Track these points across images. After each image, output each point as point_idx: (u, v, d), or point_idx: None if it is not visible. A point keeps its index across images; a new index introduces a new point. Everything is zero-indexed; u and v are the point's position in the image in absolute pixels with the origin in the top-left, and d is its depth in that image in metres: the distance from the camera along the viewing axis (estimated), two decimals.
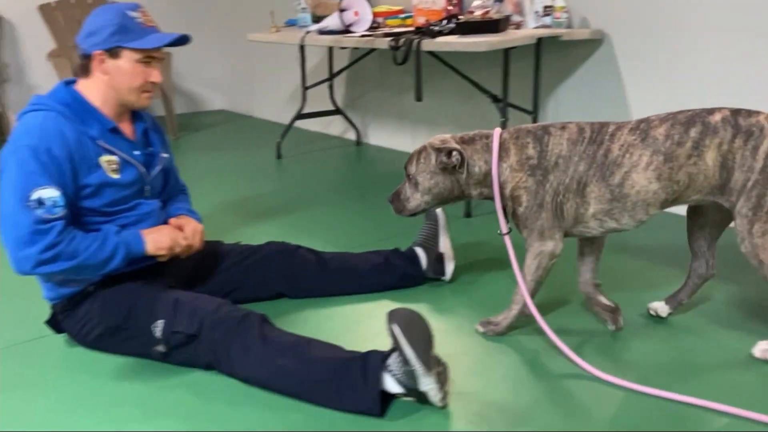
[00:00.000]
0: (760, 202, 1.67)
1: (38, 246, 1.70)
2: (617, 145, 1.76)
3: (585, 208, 1.80)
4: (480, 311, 2.14)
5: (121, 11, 1.83)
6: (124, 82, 1.85)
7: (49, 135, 1.74)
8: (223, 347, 1.75)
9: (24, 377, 1.83)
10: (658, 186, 1.74)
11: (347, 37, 3.45)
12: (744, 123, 1.69)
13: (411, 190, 1.93)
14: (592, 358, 1.84)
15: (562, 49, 3.36)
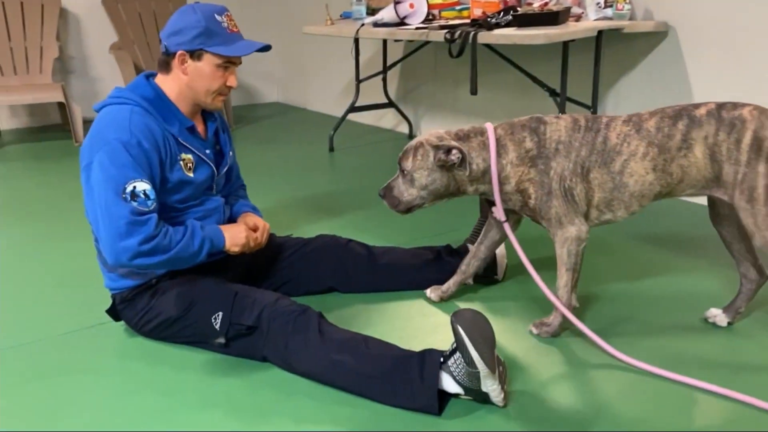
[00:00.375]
0: (753, 194, 1.69)
1: (137, 238, 1.73)
2: (614, 134, 1.79)
3: (592, 195, 1.82)
4: (532, 311, 2.10)
5: (209, 14, 1.82)
6: (203, 85, 1.87)
7: (138, 129, 1.76)
8: (281, 340, 1.76)
9: (82, 363, 1.88)
10: (654, 177, 1.77)
11: (402, 30, 3.42)
12: (727, 116, 1.71)
13: (406, 185, 1.90)
14: (646, 355, 1.78)
15: (623, 42, 3.26)
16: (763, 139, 1.67)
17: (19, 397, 1.73)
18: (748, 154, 1.68)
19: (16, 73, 4.87)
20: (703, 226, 2.24)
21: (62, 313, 2.17)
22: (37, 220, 3.10)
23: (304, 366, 1.75)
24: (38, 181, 3.80)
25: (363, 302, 2.18)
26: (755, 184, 1.68)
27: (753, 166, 1.68)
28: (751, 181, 1.69)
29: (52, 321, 2.12)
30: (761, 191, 1.69)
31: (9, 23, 4.84)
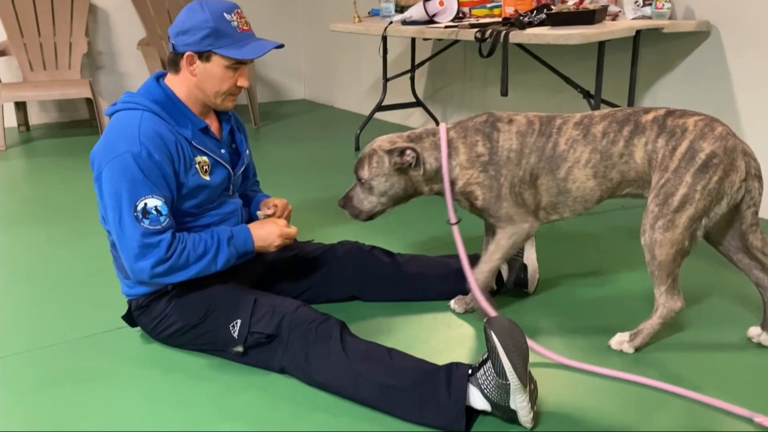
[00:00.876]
0: (668, 200, 1.69)
1: (150, 260, 1.69)
2: (564, 139, 1.80)
3: (539, 199, 1.86)
4: (565, 326, 2.00)
5: (218, 13, 1.74)
6: (212, 86, 1.80)
7: (148, 139, 1.69)
8: (301, 349, 1.70)
9: (97, 370, 1.83)
10: (594, 183, 1.80)
11: (431, 28, 3.33)
12: (671, 123, 1.73)
13: (365, 194, 1.92)
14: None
15: (662, 42, 3.13)
16: (698, 150, 1.67)
17: (31, 404, 1.69)
18: (678, 162, 1.68)
19: (45, 68, 4.89)
20: None
21: (81, 315, 2.14)
22: (62, 217, 3.09)
23: (325, 377, 1.68)
24: (64, 176, 3.80)
25: (386, 312, 2.10)
26: (674, 191, 1.69)
27: (680, 174, 1.68)
28: (672, 187, 1.69)
29: (70, 324, 2.08)
30: (677, 199, 1.68)
31: (39, 19, 4.86)
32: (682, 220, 1.69)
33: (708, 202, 1.68)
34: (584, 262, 2.46)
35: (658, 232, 1.72)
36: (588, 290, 2.24)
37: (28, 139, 4.81)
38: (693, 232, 1.72)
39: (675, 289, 1.79)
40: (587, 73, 3.15)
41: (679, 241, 1.71)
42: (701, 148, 1.67)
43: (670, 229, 1.70)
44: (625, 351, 1.85)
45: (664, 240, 1.72)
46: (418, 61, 4.32)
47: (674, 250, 1.72)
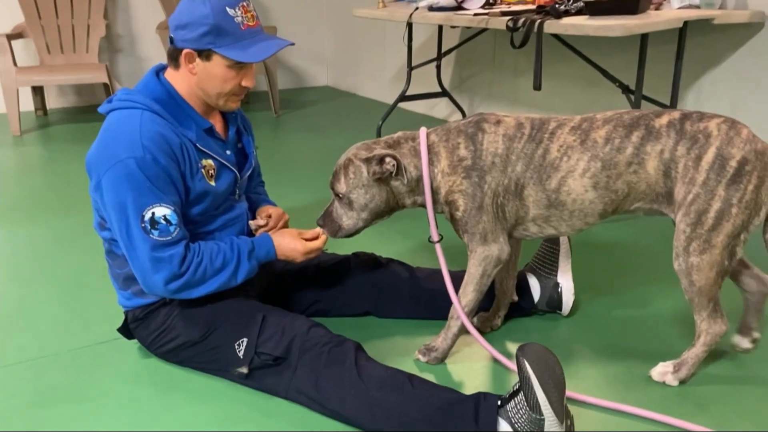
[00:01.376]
0: (701, 218, 1.50)
1: (162, 274, 1.56)
2: (556, 146, 1.60)
3: (525, 211, 1.66)
4: (602, 352, 1.82)
5: (220, 7, 1.55)
6: (214, 87, 1.63)
7: (151, 141, 1.53)
8: (311, 375, 1.55)
9: (89, 387, 1.70)
10: (595, 195, 1.59)
11: (459, 15, 3.13)
12: (690, 128, 1.52)
13: (344, 209, 1.72)
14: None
15: (710, 33, 2.89)
16: (727, 157, 1.47)
17: (18, 424, 1.56)
18: (707, 173, 1.48)
19: (62, 51, 4.77)
20: None
21: (79, 323, 2.01)
22: (72, 210, 2.95)
23: (337, 404, 1.52)
24: (79, 165, 3.68)
25: (403, 331, 1.93)
26: (708, 207, 1.49)
27: (710, 187, 1.48)
28: (704, 203, 1.49)
29: (65, 333, 1.95)
30: (712, 216, 1.49)
31: (57, 1, 4.73)
32: (719, 239, 1.51)
33: (747, 215, 1.49)
34: (625, 276, 2.26)
35: (694, 255, 1.53)
36: (628, 310, 2.04)
37: (45, 124, 4.72)
38: (732, 250, 1.53)
39: (717, 312, 1.61)
40: (627, 65, 2.93)
41: (719, 262, 1.53)
42: (731, 155, 1.47)
43: (707, 251, 1.52)
44: (668, 383, 1.66)
45: (701, 264, 1.53)
46: (445, 49, 4.11)
47: (714, 272, 1.54)
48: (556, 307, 1.96)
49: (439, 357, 1.76)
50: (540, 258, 1.97)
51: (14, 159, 3.86)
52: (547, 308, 1.97)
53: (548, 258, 1.95)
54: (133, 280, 1.69)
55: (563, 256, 1.94)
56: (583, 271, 2.24)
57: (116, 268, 1.72)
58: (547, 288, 1.94)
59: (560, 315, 1.99)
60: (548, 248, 1.95)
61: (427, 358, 1.76)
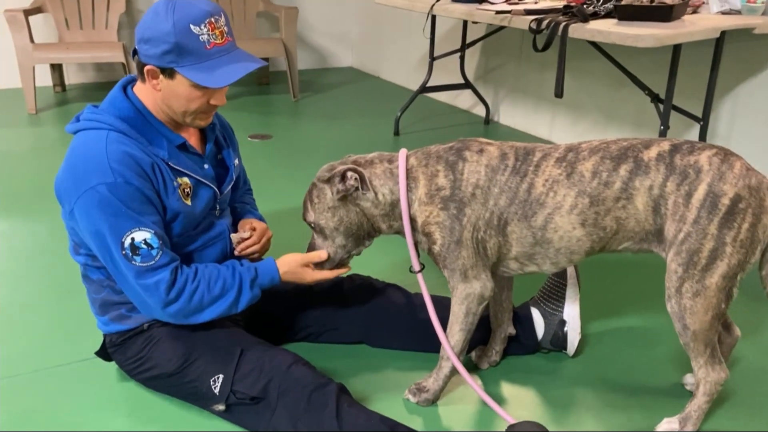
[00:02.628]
0: (692, 258, 1.41)
1: (154, 300, 1.49)
2: (541, 180, 1.49)
3: (507, 249, 1.55)
4: (607, 400, 1.70)
5: (183, 25, 1.42)
6: (179, 106, 1.52)
7: (119, 163, 1.44)
8: (290, 418, 1.46)
9: (65, 411, 1.64)
10: (583, 233, 1.49)
11: (481, 10, 2.95)
12: (680, 162, 1.42)
13: (320, 239, 1.63)
14: None
15: (751, 42, 2.68)
16: (719, 194, 1.38)
17: None
18: (698, 211, 1.39)
19: (81, 27, 4.70)
20: None
21: (63, 336, 1.95)
22: None
23: None
24: None
25: (396, 364, 1.83)
26: (700, 247, 1.40)
27: (702, 225, 1.39)
28: (696, 243, 1.40)
29: (46, 347, 1.89)
30: (705, 256, 1.40)
31: None
32: (713, 280, 1.41)
33: (743, 254, 1.40)
34: (637, 308, 2.12)
35: (687, 297, 1.44)
36: (638, 349, 1.92)
37: (63, 100, 4.66)
38: (729, 292, 1.44)
39: (715, 359, 1.50)
40: (658, 69, 2.74)
41: (714, 305, 1.43)
42: (723, 191, 1.38)
43: (701, 294, 1.42)
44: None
45: (695, 307, 1.43)
46: (469, 40, 3.93)
47: (709, 316, 1.44)
48: (561, 346, 1.83)
49: (430, 398, 1.66)
50: (546, 292, 1.84)
51: (27, 139, 3.80)
52: (552, 347, 1.85)
53: (555, 293, 1.82)
54: (110, 306, 1.62)
55: (571, 292, 1.81)
56: (592, 303, 2.11)
57: (92, 293, 1.64)
58: (552, 325, 1.82)
59: (565, 355, 1.86)
60: (555, 282, 1.82)
61: (418, 399, 1.67)
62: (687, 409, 1.55)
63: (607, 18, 2.52)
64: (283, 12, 4.76)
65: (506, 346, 1.84)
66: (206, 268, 1.55)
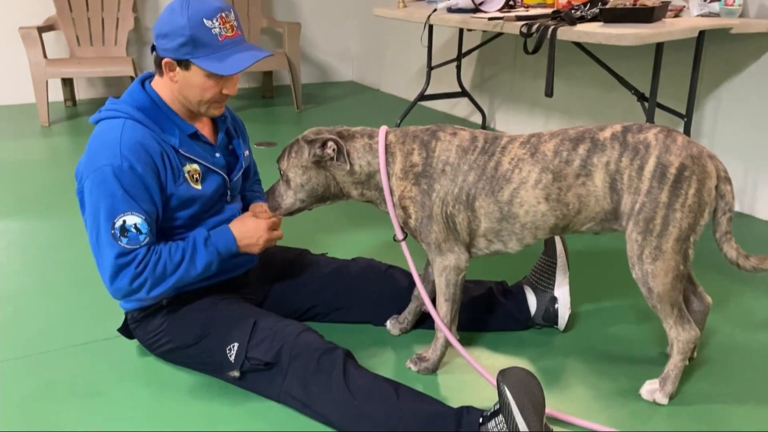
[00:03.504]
0: (649, 225, 1.55)
1: (125, 279, 1.60)
2: (508, 159, 1.63)
3: (477, 224, 1.67)
4: (595, 369, 1.82)
5: (197, 19, 1.58)
6: (194, 95, 1.67)
7: (129, 150, 1.58)
8: (300, 381, 1.59)
9: (88, 384, 1.76)
10: (547, 207, 1.61)
11: (475, 18, 3.11)
12: (632, 140, 1.57)
13: (284, 187, 1.75)
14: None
15: (730, 42, 2.83)
16: (667, 164, 1.53)
17: (20, 414, 1.63)
18: (649, 182, 1.54)
19: (92, 44, 4.87)
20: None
21: (85, 318, 2.08)
22: None
23: (325, 410, 1.56)
24: None
25: (398, 340, 1.95)
26: (654, 214, 1.54)
27: (654, 195, 1.53)
28: (650, 211, 1.54)
29: (71, 328, 2.02)
30: (659, 222, 1.54)
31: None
32: (669, 244, 1.55)
33: (691, 218, 1.54)
34: (625, 288, 2.24)
35: (647, 263, 1.57)
36: (625, 325, 2.04)
37: (74, 114, 4.83)
38: (685, 252, 1.58)
39: (684, 318, 1.63)
40: (644, 71, 2.88)
41: (673, 267, 1.57)
42: (670, 162, 1.53)
43: (659, 257, 1.56)
44: (659, 402, 1.66)
45: (656, 270, 1.57)
46: (465, 49, 4.10)
47: (670, 278, 1.57)
48: (552, 321, 1.96)
49: (430, 368, 1.78)
50: (537, 271, 1.97)
51: (41, 150, 3.96)
52: (543, 322, 1.97)
53: (546, 272, 1.94)
54: None
55: (560, 270, 1.93)
56: (582, 284, 2.23)
57: None
58: (543, 302, 1.94)
59: (556, 330, 1.98)
60: (546, 261, 1.95)
61: (418, 367, 1.79)
62: (665, 369, 1.67)
63: (593, 21, 2.67)
64: (286, 27, 4.94)
65: (503, 323, 1.96)
66: (168, 243, 1.66)
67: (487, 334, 1.97)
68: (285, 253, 2.02)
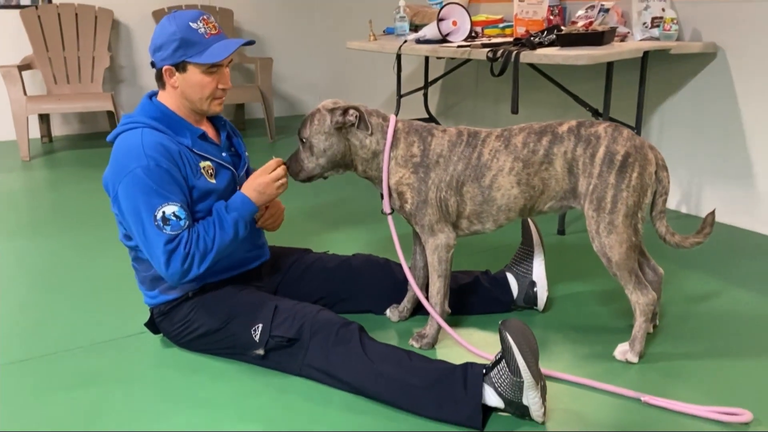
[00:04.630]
0: (601, 203, 1.83)
1: (176, 263, 1.77)
2: (487, 150, 1.90)
3: (463, 207, 1.93)
4: (575, 341, 2.07)
5: (184, 23, 1.82)
6: (195, 93, 1.88)
7: (152, 149, 1.78)
8: (322, 352, 1.79)
9: (118, 372, 1.92)
10: (518, 191, 1.89)
11: (444, 47, 3.42)
12: (585, 132, 1.86)
13: (306, 153, 1.95)
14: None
15: (670, 63, 3.20)
16: (614, 152, 1.81)
17: (53, 405, 1.77)
18: (600, 167, 1.82)
19: (68, 82, 5.03)
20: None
21: (103, 321, 2.23)
22: (84, 226, 3.19)
23: (346, 376, 1.76)
24: (86, 186, 3.92)
25: (399, 326, 2.17)
26: (604, 194, 1.82)
27: (604, 177, 1.82)
28: (601, 191, 1.83)
29: (92, 329, 2.18)
30: (609, 200, 1.82)
31: (63, 34, 5.01)
32: (620, 219, 1.83)
33: (636, 196, 1.82)
34: (595, 276, 2.52)
35: (603, 236, 1.85)
36: (596, 305, 2.31)
37: (51, 150, 4.95)
38: (635, 226, 1.85)
39: (641, 284, 1.89)
40: (597, 92, 3.22)
41: (626, 239, 1.84)
42: (617, 150, 1.82)
43: (613, 231, 1.83)
44: (630, 361, 1.91)
45: (611, 242, 1.84)
46: (431, 78, 4.42)
47: (624, 248, 1.84)
48: (533, 303, 2.21)
49: (430, 342, 2.01)
50: (517, 259, 2.23)
51: (24, 182, 4.08)
52: (525, 304, 2.22)
53: (524, 258, 2.20)
54: (159, 281, 1.93)
55: (537, 258, 2.20)
56: (557, 272, 2.51)
57: (143, 272, 1.95)
58: (524, 286, 2.19)
59: (536, 311, 2.24)
60: (524, 250, 2.21)
61: (420, 344, 2.01)
62: (633, 332, 1.93)
63: (550, 47, 3.00)
64: (258, 62, 5.20)
65: (488, 307, 2.21)
66: (198, 222, 1.84)
67: (475, 316, 2.21)
68: (291, 252, 2.23)
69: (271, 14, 5.97)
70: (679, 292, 2.40)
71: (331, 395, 1.78)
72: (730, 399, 1.75)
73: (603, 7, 3.27)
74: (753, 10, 2.89)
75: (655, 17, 3.04)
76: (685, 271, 2.58)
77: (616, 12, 3.27)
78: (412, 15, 4.05)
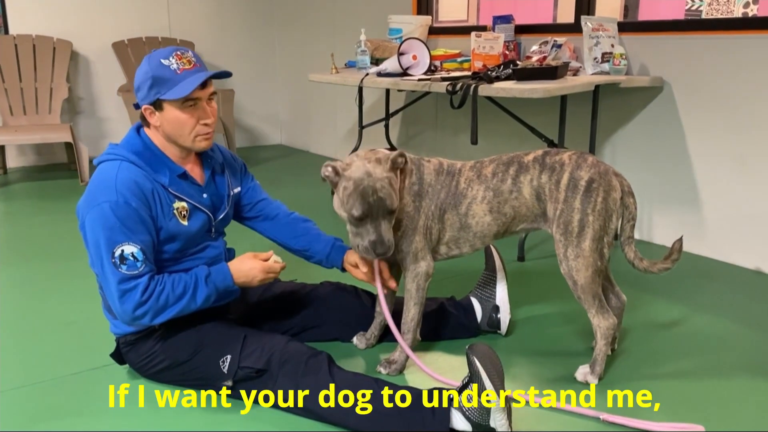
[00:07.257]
0: (568, 227, 1.90)
1: (129, 304, 1.77)
2: (463, 179, 1.99)
3: (443, 234, 2.00)
4: (537, 364, 2.13)
5: (156, 62, 1.81)
6: (176, 130, 1.86)
7: (124, 186, 1.79)
8: (291, 382, 1.80)
9: (84, 406, 1.90)
10: (491, 218, 1.97)
11: (405, 80, 3.52)
12: (549, 161, 1.94)
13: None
14: None
15: (620, 95, 3.36)
16: (578, 178, 1.89)
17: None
18: (565, 193, 1.90)
19: (25, 113, 4.97)
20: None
21: (67, 354, 2.20)
22: (42, 259, 3.15)
23: (315, 407, 1.77)
24: (43, 219, 3.86)
25: (366, 353, 2.20)
26: (570, 218, 1.89)
27: (569, 202, 1.89)
28: (567, 216, 1.89)
29: (56, 362, 2.15)
30: (575, 224, 1.89)
31: (21, 65, 4.96)
32: (586, 243, 1.89)
33: (602, 221, 1.89)
34: (556, 299, 2.60)
35: (571, 259, 1.91)
36: (557, 328, 2.38)
37: (6, 182, 4.86)
38: (600, 251, 1.91)
39: (603, 308, 1.96)
40: (552, 123, 3.35)
41: (591, 263, 1.90)
42: (580, 176, 1.89)
43: (580, 255, 1.90)
44: (590, 382, 1.98)
45: (578, 266, 1.91)
46: (392, 110, 4.51)
47: (590, 272, 1.91)
48: (496, 326, 2.27)
49: (398, 368, 2.04)
50: (481, 284, 2.29)
51: None
52: (488, 328, 2.27)
53: (488, 283, 2.27)
54: None
55: (500, 283, 2.26)
56: (518, 297, 2.58)
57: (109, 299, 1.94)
58: (487, 310, 2.26)
59: (500, 334, 2.30)
60: (487, 275, 2.28)
61: (388, 370, 2.04)
62: (593, 355, 2.00)
63: (507, 80, 3.12)
64: (220, 94, 5.22)
65: (454, 332, 2.26)
66: (172, 275, 1.85)
67: (442, 342, 2.26)
68: None
69: (233, 46, 6.02)
70: (638, 318, 2.49)
71: (300, 424, 1.80)
72: (685, 416, 1.83)
73: (556, 42, 3.43)
74: (696, 46, 3.07)
75: (605, 52, 3.20)
76: (641, 294, 2.68)
77: (569, 47, 3.42)
78: (373, 49, 4.15)
